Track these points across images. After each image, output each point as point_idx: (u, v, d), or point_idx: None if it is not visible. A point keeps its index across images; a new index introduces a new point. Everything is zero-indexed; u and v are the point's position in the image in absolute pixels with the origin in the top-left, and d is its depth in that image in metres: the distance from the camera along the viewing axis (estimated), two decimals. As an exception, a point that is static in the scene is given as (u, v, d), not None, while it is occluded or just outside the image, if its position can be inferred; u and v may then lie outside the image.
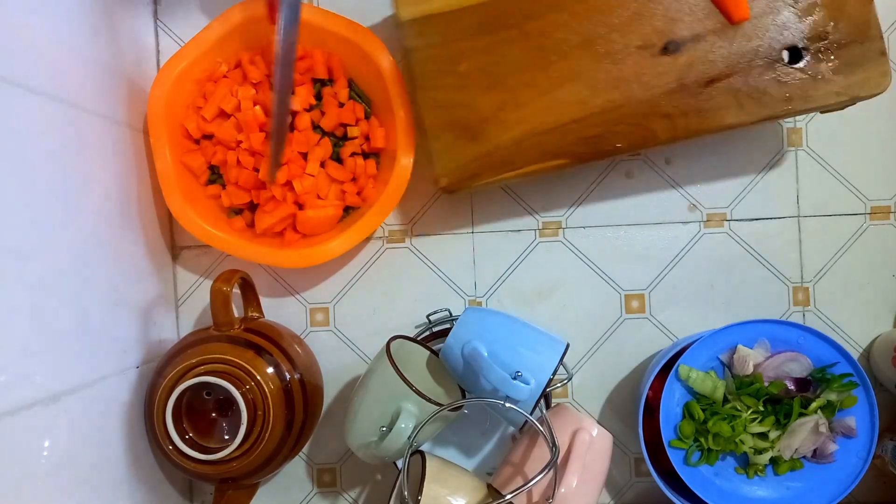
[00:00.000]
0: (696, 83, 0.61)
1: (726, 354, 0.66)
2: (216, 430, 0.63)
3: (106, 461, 0.59)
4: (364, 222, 0.67)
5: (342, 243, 0.67)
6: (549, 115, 0.62)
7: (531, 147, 0.63)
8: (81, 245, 0.58)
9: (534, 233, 0.74)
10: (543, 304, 0.74)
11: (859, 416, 0.65)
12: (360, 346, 0.75)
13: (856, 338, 0.74)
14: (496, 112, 0.63)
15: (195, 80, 0.69)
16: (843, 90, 0.60)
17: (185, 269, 0.75)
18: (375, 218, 0.67)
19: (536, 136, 0.63)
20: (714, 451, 0.65)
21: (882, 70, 0.60)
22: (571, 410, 0.66)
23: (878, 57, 0.60)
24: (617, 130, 0.62)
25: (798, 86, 0.60)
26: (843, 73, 0.60)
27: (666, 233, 0.74)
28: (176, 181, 0.67)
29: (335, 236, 0.67)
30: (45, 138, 0.54)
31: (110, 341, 0.62)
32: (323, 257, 0.67)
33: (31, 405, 0.50)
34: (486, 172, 0.64)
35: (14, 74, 0.50)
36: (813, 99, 0.60)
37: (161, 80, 0.67)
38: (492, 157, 0.63)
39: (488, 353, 0.58)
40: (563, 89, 0.62)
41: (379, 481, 0.75)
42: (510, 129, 0.63)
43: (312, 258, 0.67)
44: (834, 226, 0.74)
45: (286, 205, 0.68)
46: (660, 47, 0.61)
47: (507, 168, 0.64)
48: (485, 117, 0.63)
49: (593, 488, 0.62)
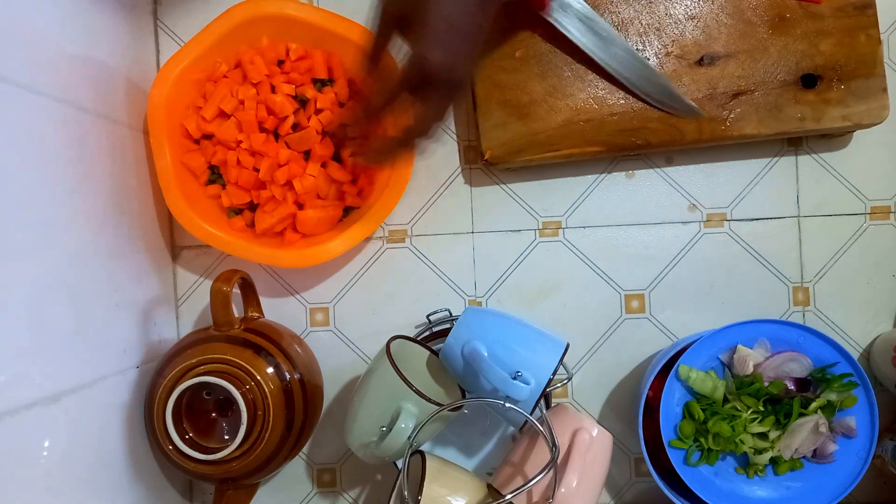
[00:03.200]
0: (724, 94, 0.68)
1: (726, 354, 0.66)
2: (216, 430, 0.63)
3: (106, 461, 0.59)
4: (364, 222, 0.67)
5: (342, 243, 0.67)
6: (593, 105, 0.69)
7: (573, 132, 0.69)
8: (81, 245, 0.58)
9: (534, 233, 0.74)
10: (543, 304, 0.74)
11: (859, 416, 0.65)
12: (360, 346, 0.75)
13: (856, 338, 0.74)
14: (545, 97, 0.69)
15: (195, 80, 0.69)
16: (848, 116, 0.68)
17: (185, 269, 0.75)
18: (375, 218, 0.67)
19: (578, 123, 0.69)
20: (714, 451, 0.65)
21: (882, 104, 0.67)
22: (571, 410, 0.66)
23: (879, 92, 0.67)
24: (650, 127, 0.69)
25: (810, 108, 0.68)
26: (849, 102, 0.67)
27: (666, 233, 0.74)
28: (176, 181, 0.67)
29: (335, 236, 0.67)
30: (45, 138, 0.54)
31: (110, 341, 0.62)
32: (323, 257, 0.67)
33: (31, 405, 0.50)
34: (529, 150, 0.69)
35: (14, 74, 0.50)
36: (822, 121, 0.68)
37: (161, 80, 0.66)
38: (536, 136, 0.69)
39: (488, 353, 0.58)
40: (607, 84, 0.69)
41: (379, 481, 0.75)
42: (556, 113, 0.69)
43: (312, 258, 0.67)
44: (834, 226, 0.74)
45: (286, 205, 0.68)
46: (696, 59, 0.68)
47: (548, 148, 0.69)
48: (535, 100, 0.69)
49: (593, 488, 0.62)
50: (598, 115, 0.68)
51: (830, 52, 0.67)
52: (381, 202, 0.67)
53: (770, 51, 0.68)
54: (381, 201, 0.67)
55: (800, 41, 0.68)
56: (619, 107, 0.68)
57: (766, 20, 0.68)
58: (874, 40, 0.67)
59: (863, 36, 0.67)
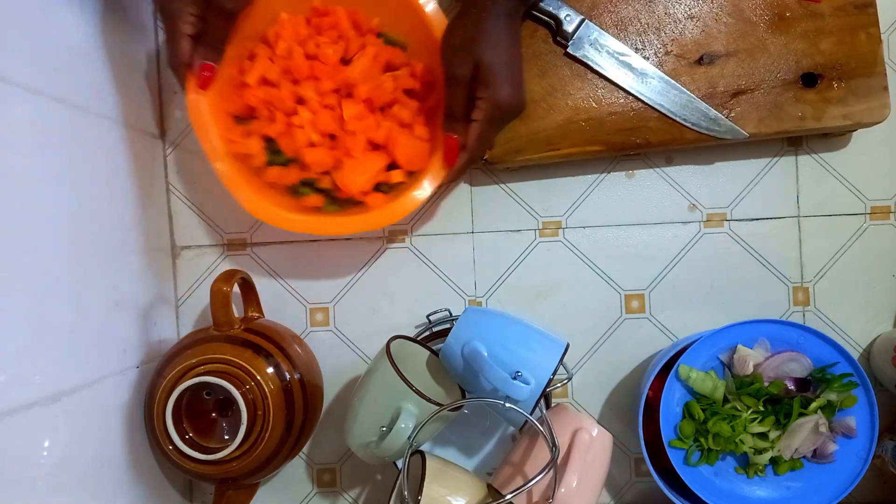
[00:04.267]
0: (724, 93, 0.68)
1: (726, 354, 0.66)
2: (216, 430, 0.63)
3: (106, 461, 0.59)
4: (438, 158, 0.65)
5: (431, 180, 0.65)
6: (592, 104, 0.69)
7: (572, 132, 0.69)
8: (81, 245, 0.58)
9: (534, 233, 0.74)
10: (543, 304, 0.74)
11: (859, 416, 0.65)
12: (360, 346, 0.75)
13: (856, 338, 0.74)
14: (545, 96, 0.69)
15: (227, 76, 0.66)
16: (849, 115, 0.67)
17: (185, 269, 0.75)
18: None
19: (578, 123, 0.69)
20: (714, 451, 0.65)
21: (883, 103, 0.67)
22: (571, 410, 0.66)
23: (880, 91, 0.67)
24: (650, 126, 0.68)
25: (811, 107, 0.67)
26: (849, 101, 0.67)
27: (666, 233, 0.74)
28: (242, 178, 0.65)
29: (417, 182, 0.65)
30: (45, 139, 0.54)
31: (110, 341, 0.62)
32: (417, 201, 0.65)
33: (31, 405, 0.50)
34: (529, 149, 0.69)
35: (15, 75, 0.51)
36: (822, 120, 0.67)
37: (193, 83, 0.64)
38: (536, 135, 0.69)
39: (488, 353, 0.58)
40: (606, 84, 0.69)
41: (379, 481, 0.75)
42: (557, 112, 0.69)
43: (406, 206, 0.64)
44: (834, 226, 0.74)
45: (376, 155, 0.66)
46: (696, 58, 0.68)
47: (548, 147, 0.69)
48: (534, 99, 0.68)
49: (593, 488, 0.62)
50: (597, 114, 0.68)
51: (831, 50, 0.67)
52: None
53: (770, 50, 0.68)
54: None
55: (800, 40, 0.68)
56: (618, 106, 0.68)
57: (766, 19, 0.68)
58: (875, 39, 0.67)
59: (863, 35, 0.67)
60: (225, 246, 0.75)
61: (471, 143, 0.63)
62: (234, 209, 0.70)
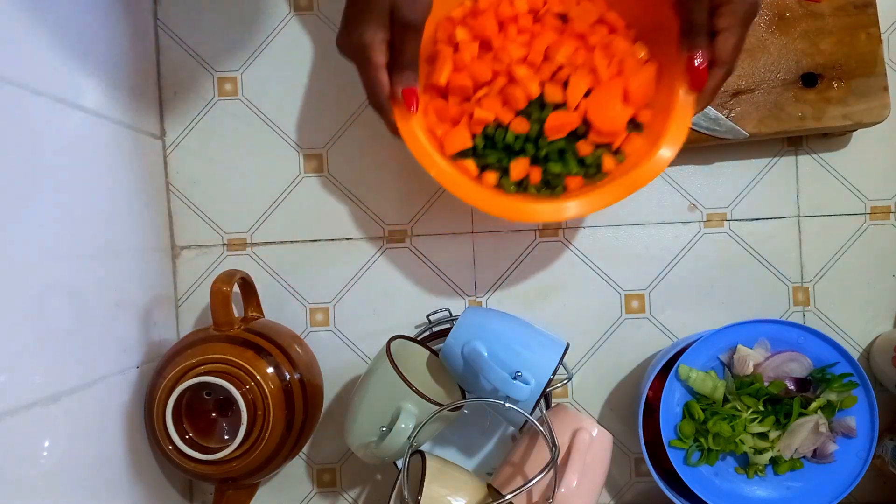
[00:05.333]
0: (724, 93, 0.68)
1: (726, 354, 0.66)
2: (216, 430, 0.63)
3: (106, 461, 0.59)
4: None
5: (673, 141, 0.59)
6: None
7: None
8: (81, 245, 0.58)
9: (534, 233, 0.74)
10: (543, 304, 0.74)
11: (859, 416, 0.65)
12: (360, 346, 0.75)
13: (856, 338, 0.74)
14: None
15: (426, 83, 0.63)
16: (849, 115, 0.68)
17: (185, 269, 0.75)
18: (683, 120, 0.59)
19: None
20: (714, 451, 0.65)
21: (883, 103, 0.67)
22: (571, 410, 0.66)
23: (880, 91, 0.67)
24: None
25: (811, 107, 0.68)
26: (850, 101, 0.67)
27: (666, 233, 0.74)
28: (461, 175, 0.60)
29: (655, 146, 0.60)
30: (45, 139, 0.54)
31: (110, 341, 0.62)
32: (661, 166, 0.59)
33: (31, 405, 0.50)
34: None
35: (16, 75, 0.51)
36: (822, 120, 0.68)
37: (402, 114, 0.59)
38: None
39: (488, 353, 0.58)
40: None
41: (379, 481, 0.75)
42: None
43: (652, 171, 0.59)
44: (834, 226, 0.74)
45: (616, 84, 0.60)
46: None
47: None
48: None
49: (593, 488, 0.62)
50: None
51: (831, 50, 0.67)
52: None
53: (770, 50, 0.68)
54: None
55: (800, 40, 0.68)
56: None
57: (766, 19, 0.68)
58: (875, 39, 0.67)
59: (863, 35, 0.67)
60: (225, 246, 0.75)
61: (728, 54, 0.56)
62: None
